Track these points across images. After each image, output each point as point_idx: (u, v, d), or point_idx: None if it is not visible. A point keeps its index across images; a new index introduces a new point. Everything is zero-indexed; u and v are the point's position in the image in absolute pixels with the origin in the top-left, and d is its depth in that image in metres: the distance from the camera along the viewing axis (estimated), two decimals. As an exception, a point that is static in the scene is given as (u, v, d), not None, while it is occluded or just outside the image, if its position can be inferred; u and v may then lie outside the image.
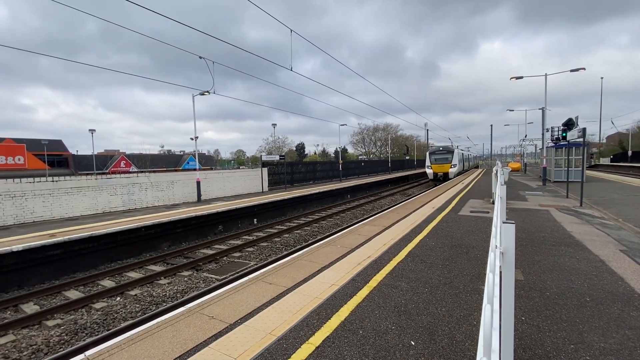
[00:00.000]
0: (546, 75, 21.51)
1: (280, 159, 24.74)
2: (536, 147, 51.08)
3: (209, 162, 61.02)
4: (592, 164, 52.19)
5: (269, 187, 24.11)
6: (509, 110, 45.19)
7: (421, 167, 42.80)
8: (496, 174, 11.61)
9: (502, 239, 1.91)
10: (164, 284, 7.94)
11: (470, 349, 3.07)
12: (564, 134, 16.50)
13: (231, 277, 8.05)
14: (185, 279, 8.25)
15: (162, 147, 79.42)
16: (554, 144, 23.24)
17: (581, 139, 13.04)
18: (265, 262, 9.24)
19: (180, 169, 50.67)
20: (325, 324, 3.60)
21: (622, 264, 5.43)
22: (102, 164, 45.78)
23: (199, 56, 8.20)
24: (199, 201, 18.43)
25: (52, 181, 13.56)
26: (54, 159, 39.31)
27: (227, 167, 66.53)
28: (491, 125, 50.66)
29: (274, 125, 37.55)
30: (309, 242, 11.19)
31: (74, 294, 7.53)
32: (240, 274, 8.30)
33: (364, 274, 5.13)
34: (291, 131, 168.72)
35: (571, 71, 20.67)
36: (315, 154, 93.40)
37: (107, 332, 5.63)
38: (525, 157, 48.08)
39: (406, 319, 3.66)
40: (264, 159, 24.18)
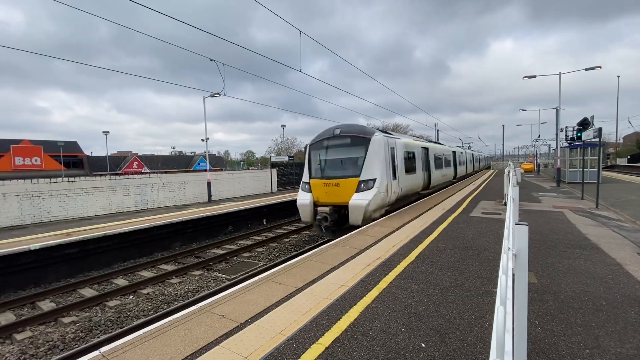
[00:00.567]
0: (560, 74, 21.09)
1: (289, 159, 24.88)
2: (550, 147, 50.16)
3: (219, 163, 61.71)
4: (609, 164, 50.83)
5: (278, 187, 24.24)
6: (522, 110, 44.36)
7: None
8: (508, 175, 11.43)
9: (514, 240, 1.88)
10: (175, 283, 8.06)
11: (482, 352, 3.03)
12: (579, 134, 16.15)
13: (241, 277, 8.12)
14: (196, 279, 8.36)
15: (174, 148, 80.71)
16: (568, 144, 22.75)
17: (597, 139, 12.72)
18: (274, 262, 9.30)
19: (191, 169, 51.38)
20: (334, 324, 3.60)
21: (640, 268, 5.27)
22: (115, 165, 46.78)
23: (210, 59, 8.32)
24: (210, 201, 18.65)
25: (69, 182, 13.92)
26: (70, 160, 40.32)
27: (237, 168, 67.09)
28: (503, 125, 49.90)
29: (283, 126, 37.87)
30: (318, 242, 11.20)
31: (88, 292, 7.71)
32: (250, 273, 8.37)
33: (374, 275, 5.11)
34: (300, 132, 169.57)
35: (586, 70, 20.21)
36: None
37: (120, 330, 5.75)
38: (538, 157, 47.14)
39: (416, 321, 3.63)
40: (273, 160, 24.35)
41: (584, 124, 17.10)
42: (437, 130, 44.17)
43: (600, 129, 12.21)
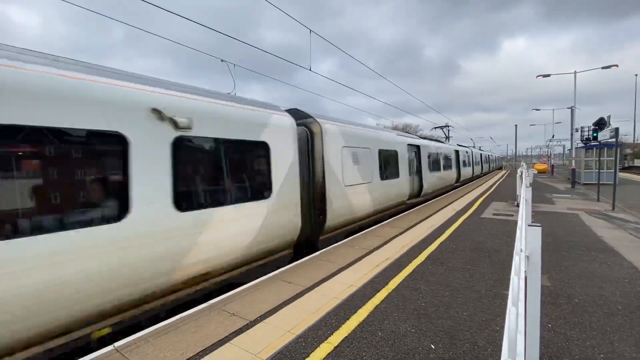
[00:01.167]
0: (575, 72, 20.63)
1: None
2: (564, 147, 49.04)
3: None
4: (626, 165, 49.39)
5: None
6: (535, 109, 43.34)
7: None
8: (521, 175, 11.23)
9: (527, 242, 1.86)
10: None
11: (492, 355, 3.00)
12: (595, 134, 15.78)
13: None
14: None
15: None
16: (584, 145, 22.25)
17: (614, 140, 12.40)
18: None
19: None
20: (343, 324, 3.61)
21: (659, 272, 5.13)
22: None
23: (221, 59, 8.40)
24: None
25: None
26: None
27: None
28: (515, 125, 48.75)
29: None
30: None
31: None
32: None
33: (383, 275, 5.10)
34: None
35: (602, 68, 19.73)
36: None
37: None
38: (552, 158, 46.12)
39: (426, 322, 3.61)
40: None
41: (601, 124, 16.70)
42: (448, 129, 43.65)
43: (617, 129, 11.91)
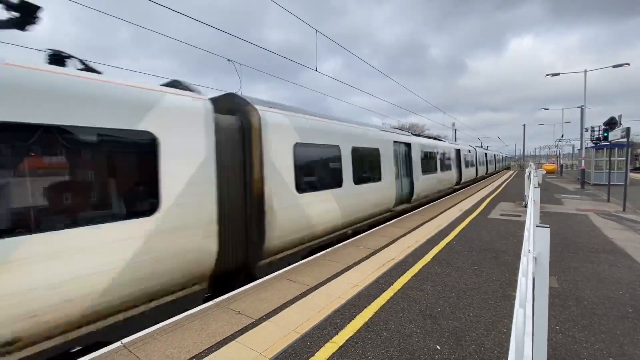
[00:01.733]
0: (585, 71, 20.30)
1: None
2: (574, 147, 48.28)
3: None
4: (637, 166, 48.48)
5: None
6: (544, 109, 42.60)
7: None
8: (529, 176, 11.10)
9: (535, 243, 1.84)
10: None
11: (499, 357, 2.97)
12: (606, 134, 15.53)
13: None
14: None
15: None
16: (594, 145, 21.91)
17: (625, 139, 12.18)
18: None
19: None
20: (348, 323, 3.61)
21: (671, 274, 5.02)
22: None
23: (227, 59, 8.44)
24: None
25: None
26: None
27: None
28: (524, 125, 48.24)
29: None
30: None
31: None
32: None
33: (388, 275, 5.08)
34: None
35: (614, 67, 19.36)
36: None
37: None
38: (561, 158, 45.46)
39: (431, 323, 3.59)
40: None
41: (611, 124, 16.43)
42: (455, 129, 43.34)
43: (628, 129, 11.69)
